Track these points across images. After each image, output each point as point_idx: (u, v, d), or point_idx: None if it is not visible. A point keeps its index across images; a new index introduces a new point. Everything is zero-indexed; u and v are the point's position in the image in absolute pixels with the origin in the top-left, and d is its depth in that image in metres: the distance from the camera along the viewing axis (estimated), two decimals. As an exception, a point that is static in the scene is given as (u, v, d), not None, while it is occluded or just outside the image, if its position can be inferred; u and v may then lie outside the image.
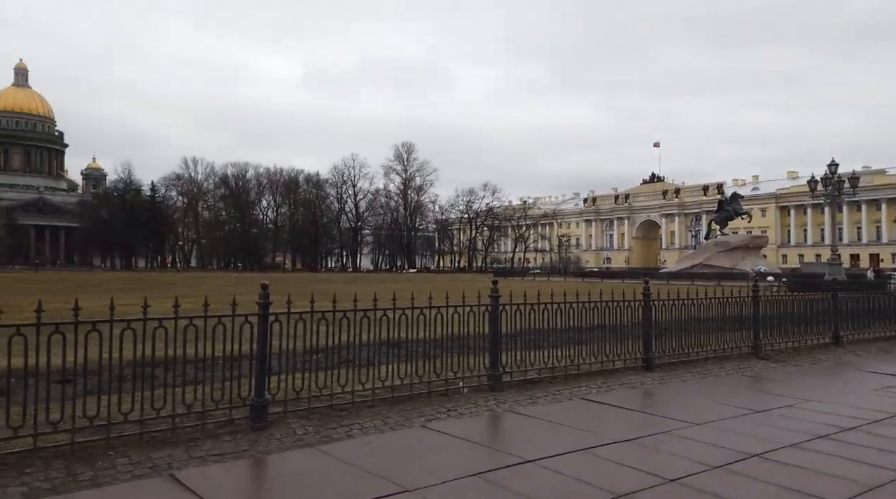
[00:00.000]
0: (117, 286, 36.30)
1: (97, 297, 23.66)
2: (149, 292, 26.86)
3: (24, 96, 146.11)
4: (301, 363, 6.28)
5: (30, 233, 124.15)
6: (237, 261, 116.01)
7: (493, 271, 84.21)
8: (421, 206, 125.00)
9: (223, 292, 29.38)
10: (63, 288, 33.03)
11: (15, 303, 14.07)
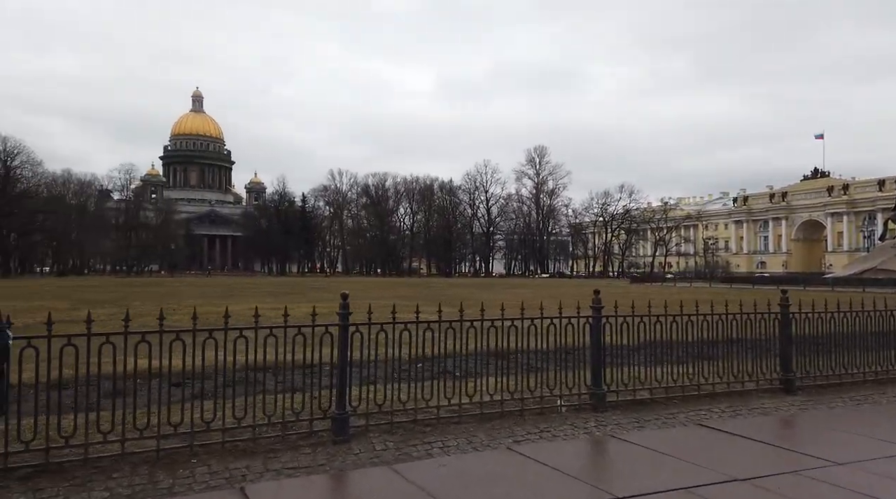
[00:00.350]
0: (266, 290, 39.27)
1: (244, 301, 25.76)
2: (290, 297, 28.43)
3: (200, 121, 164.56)
4: (385, 374, 6.13)
5: (203, 242, 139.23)
6: (377, 266, 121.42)
7: (630, 277, 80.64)
8: (554, 209, 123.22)
9: (354, 297, 30.58)
10: (220, 292, 36.34)
11: (174, 306, 15.44)
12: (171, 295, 32.32)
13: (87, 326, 4.81)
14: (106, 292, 35.03)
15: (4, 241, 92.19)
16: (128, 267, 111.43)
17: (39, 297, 29.21)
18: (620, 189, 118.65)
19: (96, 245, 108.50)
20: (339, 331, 5.67)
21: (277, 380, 5.73)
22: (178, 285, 50.80)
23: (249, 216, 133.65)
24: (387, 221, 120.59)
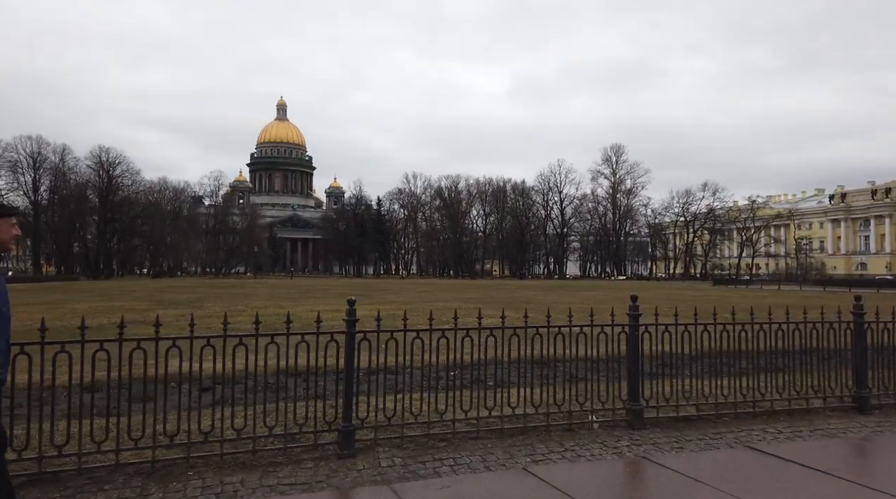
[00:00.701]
0: (336, 292, 40.03)
1: (312, 303, 26.26)
2: (359, 298, 29.03)
3: (284, 128, 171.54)
4: (395, 385, 5.84)
5: (286, 244, 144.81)
6: (450, 268, 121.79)
7: (713, 279, 76.81)
8: (631, 209, 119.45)
9: (420, 300, 30.73)
10: (292, 294, 37.35)
11: (242, 307, 15.88)
12: (246, 296, 33.49)
13: (82, 334, 4.79)
14: (186, 293, 36.73)
15: (107, 244, 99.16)
16: (216, 269, 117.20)
17: (124, 297, 30.97)
18: (703, 187, 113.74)
19: (189, 248, 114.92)
20: (346, 338, 5.43)
21: (293, 387, 5.54)
22: (257, 287, 52.71)
23: (328, 220, 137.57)
24: (459, 223, 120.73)
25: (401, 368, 5.90)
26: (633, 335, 6.49)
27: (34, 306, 23.12)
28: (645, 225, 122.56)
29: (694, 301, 26.76)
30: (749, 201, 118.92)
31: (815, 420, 6.86)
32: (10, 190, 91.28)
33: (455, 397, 5.92)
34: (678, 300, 28.97)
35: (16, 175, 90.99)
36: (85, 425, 4.90)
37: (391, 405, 5.71)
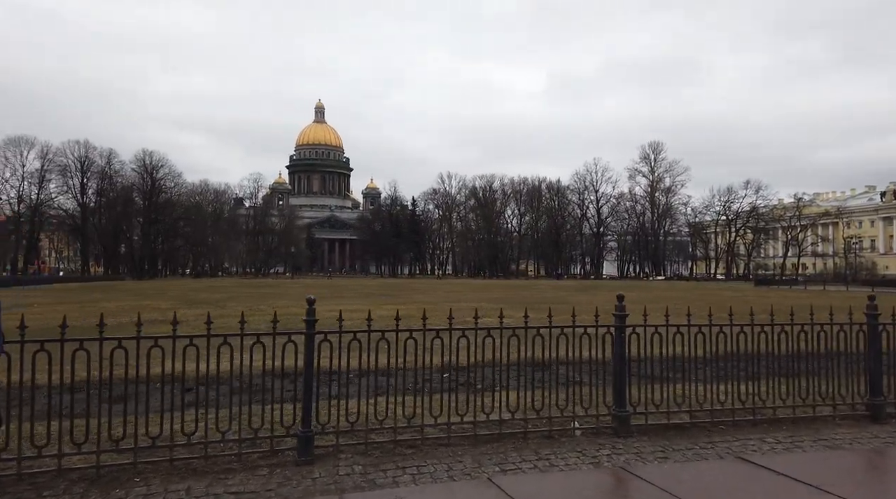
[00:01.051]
0: (364, 292, 40.17)
1: (339, 302, 26.21)
2: (382, 299, 28.78)
3: (322, 131, 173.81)
4: (359, 388, 5.62)
5: (323, 245, 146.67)
6: (485, 269, 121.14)
7: (755, 279, 74.45)
8: (670, 208, 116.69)
9: (449, 299, 30.48)
10: (322, 293, 37.58)
11: (264, 307, 15.89)
12: (274, 296, 33.84)
13: (62, 333, 4.70)
14: (218, 293, 37.31)
15: (151, 245, 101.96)
16: (255, 269, 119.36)
17: (156, 297, 31.63)
18: (746, 185, 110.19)
19: (229, 249, 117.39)
20: (305, 340, 5.23)
21: (265, 390, 5.37)
22: (291, 287, 53.26)
23: (364, 220, 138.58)
24: (494, 222, 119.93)
25: (393, 370, 5.70)
26: (620, 337, 6.13)
27: (67, 305, 23.77)
28: (685, 224, 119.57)
29: (722, 301, 25.85)
30: (795, 199, 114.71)
31: (822, 430, 6.37)
32: (60, 193, 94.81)
33: (424, 402, 5.66)
34: (706, 301, 28.02)
35: (65, 179, 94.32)
36: (28, 428, 4.81)
37: (356, 410, 5.50)
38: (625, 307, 6.17)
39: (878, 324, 6.79)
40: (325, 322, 5.88)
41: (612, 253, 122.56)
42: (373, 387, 5.94)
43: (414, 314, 7.01)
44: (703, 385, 6.49)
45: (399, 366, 5.81)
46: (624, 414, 6.05)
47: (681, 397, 6.41)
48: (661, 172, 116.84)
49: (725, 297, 34.52)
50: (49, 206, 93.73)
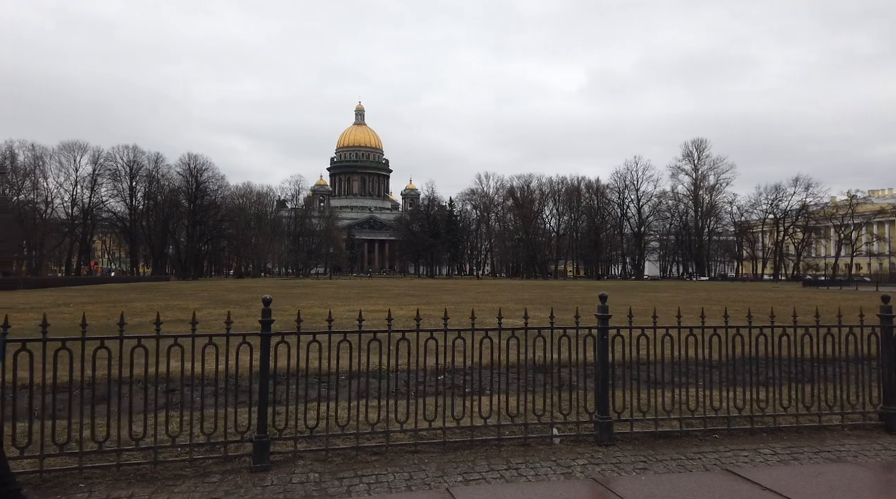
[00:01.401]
0: (395, 293, 40.16)
1: (362, 303, 26.21)
2: (414, 298, 28.49)
3: (362, 133, 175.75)
4: (319, 392, 5.43)
5: (363, 246, 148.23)
6: (524, 269, 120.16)
7: (802, 280, 71.65)
8: (715, 207, 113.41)
9: (478, 299, 30.18)
10: (353, 294, 37.76)
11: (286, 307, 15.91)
12: (305, 296, 34.12)
13: (43, 332, 4.64)
14: (249, 293, 37.69)
15: (196, 246, 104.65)
16: (296, 270, 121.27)
17: (189, 297, 32.24)
18: (794, 182, 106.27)
19: (271, 250, 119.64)
20: (261, 340, 5.07)
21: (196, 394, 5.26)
22: (326, 287, 53.74)
23: (401, 221, 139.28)
24: (532, 222, 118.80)
25: (384, 372, 5.52)
26: (602, 339, 5.79)
27: (100, 304, 24.45)
28: (730, 223, 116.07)
29: (756, 302, 24.77)
30: (848, 196, 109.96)
31: (827, 440, 5.88)
32: (111, 196, 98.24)
33: (390, 406, 5.44)
34: (737, 302, 27.00)
35: (115, 182, 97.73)
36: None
37: (328, 414, 5.31)
38: (608, 308, 5.83)
39: (892, 326, 6.25)
40: (342, 322, 5.73)
41: (655, 253, 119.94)
42: (357, 389, 5.80)
43: (434, 314, 6.81)
44: (698, 391, 6.10)
45: (392, 367, 5.61)
46: (606, 421, 5.70)
47: (672, 404, 6.02)
48: (705, 170, 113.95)
49: (761, 298, 33.14)
50: (101, 209, 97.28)
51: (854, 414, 6.24)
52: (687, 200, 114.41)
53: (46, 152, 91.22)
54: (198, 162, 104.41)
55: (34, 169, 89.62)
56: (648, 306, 20.35)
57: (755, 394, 6.14)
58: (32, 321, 13.76)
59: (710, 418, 5.99)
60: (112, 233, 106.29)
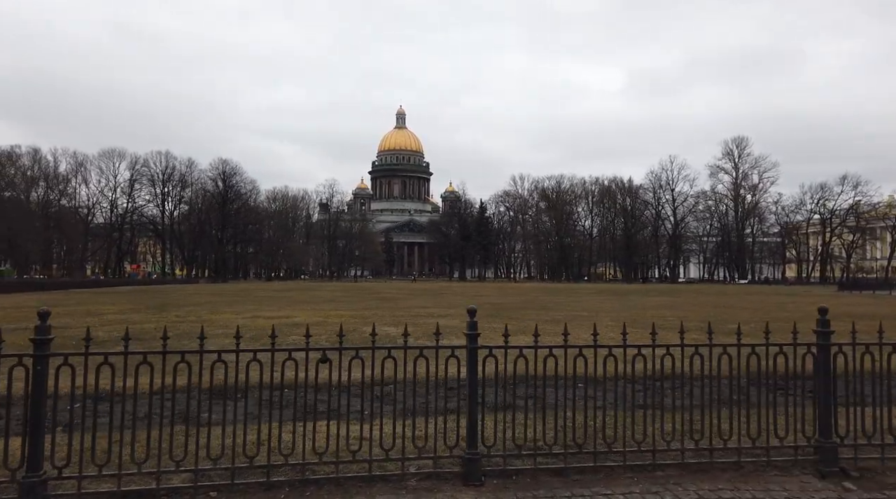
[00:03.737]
0: (412, 292, 39.55)
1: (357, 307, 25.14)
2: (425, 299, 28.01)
3: (403, 136, 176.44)
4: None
5: (403, 248, 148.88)
6: (559, 271, 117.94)
7: (839, 283, 68.04)
8: (757, 207, 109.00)
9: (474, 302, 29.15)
10: (322, 297, 37.38)
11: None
12: (302, 302, 33.83)
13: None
14: (254, 299, 37.40)
15: (225, 250, 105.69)
16: (330, 273, 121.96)
17: (191, 301, 32.29)
18: (842, 181, 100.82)
19: (305, 253, 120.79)
20: (32, 363, 4.30)
21: None
22: (320, 291, 52.97)
23: (433, 224, 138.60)
24: (565, 224, 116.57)
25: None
26: (472, 360, 4.98)
27: (60, 308, 24.62)
28: (775, 224, 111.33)
29: (748, 311, 23.04)
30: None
31: (750, 479, 4.91)
32: (147, 201, 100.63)
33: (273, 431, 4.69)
34: (739, 308, 25.43)
35: (151, 187, 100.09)
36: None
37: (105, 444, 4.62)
38: (476, 324, 5.02)
39: (829, 344, 5.25)
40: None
41: (696, 256, 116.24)
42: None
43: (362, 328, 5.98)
44: (595, 417, 5.21)
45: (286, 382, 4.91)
46: (475, 456, 4.88)
47: (553, 436, 5.13)
48: (747, 169, 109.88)
49: (764, 304, 31.05)
50: (139, 213, 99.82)
51: (781, 448, 5.25)
52: (727, 200, 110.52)
53: (88, 159, 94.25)
54: (227, 166, 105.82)
55: (75, 175, 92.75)
56: (582, 317, 19.15)
57: (655, 422, 5.22)
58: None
59: (599, 450, 5.11)
60: (146, 236, 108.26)
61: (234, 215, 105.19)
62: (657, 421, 5.21)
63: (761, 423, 5.23)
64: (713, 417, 5.19)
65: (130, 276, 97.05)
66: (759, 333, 5.48)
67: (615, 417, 5.21)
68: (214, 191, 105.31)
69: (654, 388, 5.41)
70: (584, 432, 5.18)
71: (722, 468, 5.14)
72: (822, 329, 5.26)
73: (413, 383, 5.29)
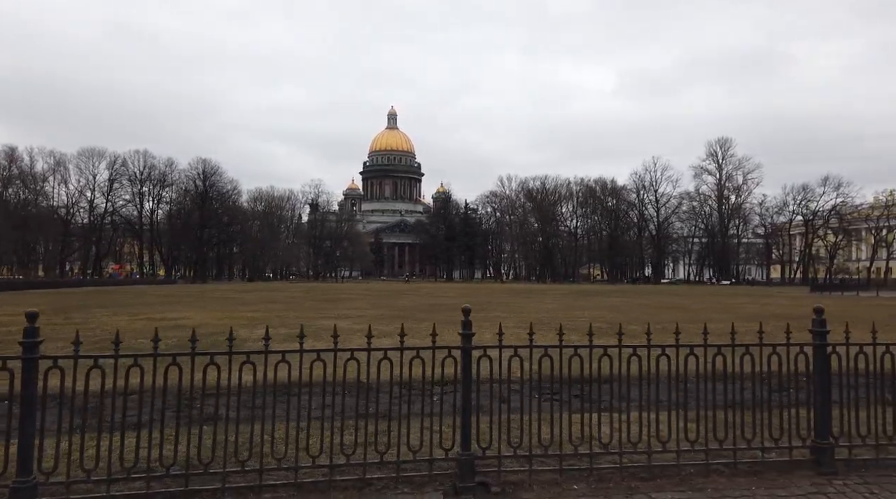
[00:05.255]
0: (364, 294, 39.24)
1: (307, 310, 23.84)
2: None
3: (394, 137, 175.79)
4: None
5: (394, 249, 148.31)
6: (544, 272, 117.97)
7: (811, 284, 68.62)
8: (741, 208, 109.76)
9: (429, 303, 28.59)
10: (320, 298, 36.97)
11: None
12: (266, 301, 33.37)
13: None
14: (202, 300, 35.65)
15: (203, 250, 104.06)
16: (315, 273, 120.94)
17: (158, 303, 31.72)
18: (824, 182, 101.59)
19: (291, 253, 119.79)
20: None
21: None
22: (305, 291, 52.62)
23: (420, 224, 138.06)
24: (550, 225, 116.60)
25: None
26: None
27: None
28: (760, 225, 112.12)
29: (704, 312, 22.82)
30: (882, 197, 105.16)
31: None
32: (127, 201, 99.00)
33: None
34: (691, 311, 25.40)
35: (130, 187, 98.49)
36: None
37: None
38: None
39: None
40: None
41: (683, 257, 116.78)
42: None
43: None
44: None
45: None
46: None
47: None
48: (731, 170, 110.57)
49: (721, 305, 30.94)
50: (118, 213, 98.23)
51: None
52: (711, 201, 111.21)
53: (66, 159, 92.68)
54: (207, 166, 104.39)
55: (54, 174, 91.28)
56: (509, 318, 18.73)
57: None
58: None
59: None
60: (125, 237, 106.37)
61: (214, 215, 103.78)
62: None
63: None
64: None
65: (112, 276, 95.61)
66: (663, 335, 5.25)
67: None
68: (193, 190, 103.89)
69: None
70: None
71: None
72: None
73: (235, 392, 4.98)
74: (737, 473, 4.87)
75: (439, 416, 4.69)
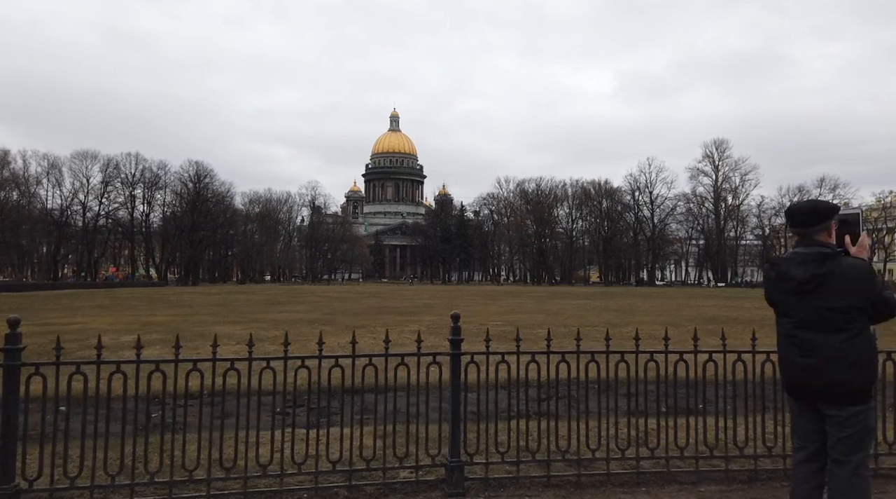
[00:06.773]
0: (337, 297, 38.75)
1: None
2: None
3: (396, 139, 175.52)
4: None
5: (395, 251, 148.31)
6: (541, 274, 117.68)
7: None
8: (737, 210, 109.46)
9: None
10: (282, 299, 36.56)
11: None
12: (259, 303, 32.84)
13: None
14: (164, 305, 33.94)
15: (195, 253, 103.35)
16: (313, 276, 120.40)
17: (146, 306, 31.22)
18: (820, 183, 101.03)
19: (288, 256, 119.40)
20: None
21: None
22: (286, 294, 51.51)
23: (417, 227, 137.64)
24: (547, 227, 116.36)
25: None
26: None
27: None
28: (758, 227, 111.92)
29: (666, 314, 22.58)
30: (877, 198, 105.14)
31: None
32: (120, 204, 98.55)
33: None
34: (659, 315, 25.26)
35: (123, 189, 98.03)
36: None
37: None
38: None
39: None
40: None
41: (680, 258, 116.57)
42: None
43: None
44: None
45: None
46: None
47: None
48: (727, 171, 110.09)
49: (679, 307, 30.73)
50: (111, 216, 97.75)
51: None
52: (708, 202, 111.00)
53: (59, 161, 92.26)
54: (199, 168, 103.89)
55: (47, 177, 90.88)
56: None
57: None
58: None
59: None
60: (119, 239, 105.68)
61: (207, 217, 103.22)
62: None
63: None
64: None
65: (108, 278, 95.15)
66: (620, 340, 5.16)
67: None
68: (185, 193, 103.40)
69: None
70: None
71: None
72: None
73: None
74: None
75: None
